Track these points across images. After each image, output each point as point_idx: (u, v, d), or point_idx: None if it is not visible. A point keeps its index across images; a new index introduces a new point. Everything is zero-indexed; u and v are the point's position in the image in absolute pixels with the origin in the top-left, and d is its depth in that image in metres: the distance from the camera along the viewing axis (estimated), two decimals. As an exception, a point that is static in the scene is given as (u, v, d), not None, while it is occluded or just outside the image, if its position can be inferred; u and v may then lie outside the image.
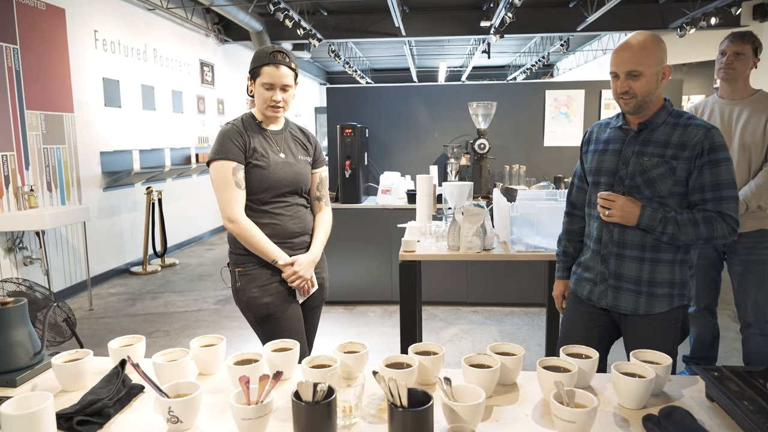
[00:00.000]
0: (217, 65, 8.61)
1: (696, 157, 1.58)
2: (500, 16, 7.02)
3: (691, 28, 7.43)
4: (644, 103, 1.61)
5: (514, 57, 13.76)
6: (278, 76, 1.85)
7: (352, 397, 1.11)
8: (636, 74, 1.58)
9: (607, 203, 1.64)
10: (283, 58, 1.86)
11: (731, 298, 2.72)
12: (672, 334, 1.69)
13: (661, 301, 1.66)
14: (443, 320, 4.21)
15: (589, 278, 1.78)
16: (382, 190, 4.38)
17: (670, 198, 1.62)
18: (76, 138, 5.20)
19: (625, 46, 1.61)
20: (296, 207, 1.97)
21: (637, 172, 1.63)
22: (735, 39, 2.43)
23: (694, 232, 1.57)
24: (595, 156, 1.76)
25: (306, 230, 2.00)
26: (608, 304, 1.73)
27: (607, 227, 1.70)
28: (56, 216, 4.26)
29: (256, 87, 1.89)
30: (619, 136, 1.72)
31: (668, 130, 1.63)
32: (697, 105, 2.69)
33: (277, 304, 1.89)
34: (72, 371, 1.26)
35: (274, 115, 1.92)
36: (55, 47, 4.91)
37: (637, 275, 1.67)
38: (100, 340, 3.90)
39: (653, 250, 1.64)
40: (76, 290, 5.12)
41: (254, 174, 1.87)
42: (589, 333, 1.79)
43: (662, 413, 1.09)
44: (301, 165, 1.98)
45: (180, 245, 7.24)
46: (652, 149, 1.63)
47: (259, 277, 1.90)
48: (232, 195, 1.84)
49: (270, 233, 1.89)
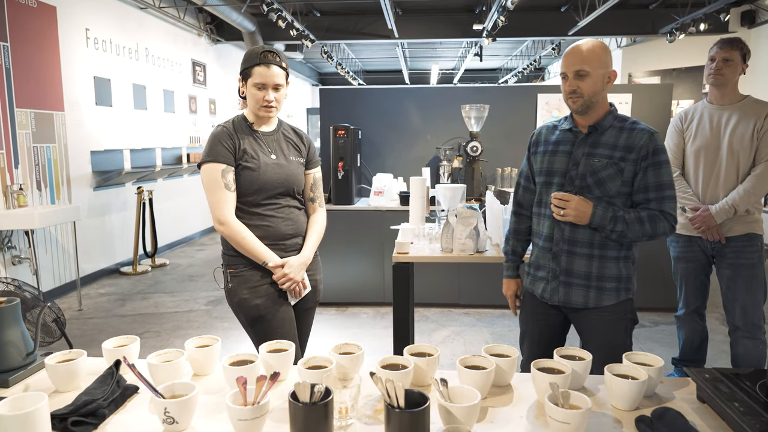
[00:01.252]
0: (209, 65, 8.58)
1: (641, 159, 1.69)
2: (493, 20, 7.06)
3: (681, 34, 7.52)
4: (591, 104, 1.70)
5: (505, 60, 13.83)
6: (269, 75, 1.85)
7: (348, 398, 1.11)
8: (583, 74, 1.67)
9: (562, 203, 1.70)
10: (273, 58, 1.86)
11: (720, 301, 2.76)
12: (623, 326, 1.78)
13: (609, 294, 1.75)
14: (435, 322, 4.23)
15: (542, 276, 1.84)
16: (374, 191, 4.38)
17: (618, 198, 1.72)
18: (67, 137, 5.16)
19: (574, 49, 1.70)
20: (288, 209, 1.96)
21: (588, 172, 1.72)
22: (724, 45, 2.47)
23: (640, 230, 1.68)
24: (546, 157, 1.83)
25: (298, 232, 1.99)
26: (560, 300, 1.80)
27: (558, 226, 1.77)
28: (46, 215, 4.22)
29: (247, 88, 1.89)
30: (569, 138, 1.79)
31: (615, 133, 1.73)
32: (687, 110, 2.72)
33: (267, 305, 1.89)
34: (66, 372, 1.25)
35: (267, 115, 1.91)
36: (45, 45, 4.87)
37: (587, 271, 1.75)
38: (89, 341, 3.87)
39: (601, 248, 1.74)
40: (65, 290, 5.07)
41: (244, 176, 1.87)
42: (543, 331, 1.89)
43: (654, 414, 1.11)
44: (293, 166, 1.97)
45: (170, 245, 7.20)
46: (601, 151, 1.72)
47: (250, 278, 1.89)
48: (222, 197, 1.84)
49: (261, 235, 1.89)
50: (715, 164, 2.56)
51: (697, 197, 2.62)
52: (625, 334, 1.79)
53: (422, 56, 13.16)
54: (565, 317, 1.87)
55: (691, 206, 2.60)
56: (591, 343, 1.78)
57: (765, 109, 2.49)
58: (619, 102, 4.74)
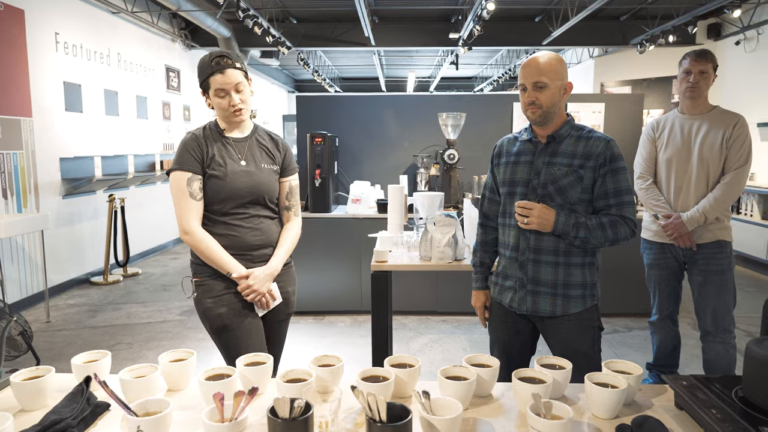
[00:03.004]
0: (183, 71, 8.46)
1: (600, 167, 1.74)
2: (468, 29, 7.14)
3: (651, 45, 7.73)
4: (549, 114, 1.75)
5: (481, 69, 14.00)
6: (227, 80, 1.80)
7: (328, 412, 1.09)
8: (542, 86, 1.71)
9: (525, 211, 1.74)
10: (226, 62, 1.80)
11: (691, 306, 2.81)
12: (590, 333, 1.82)
13: (575, 301, 1.78)
14: (413, 330, 4.22)
15: (510, 286, 1.86)
16: (352, 199, 4.37)
17: (579, 204, 1.76)
18: (35, 143, 5.01)
19: (531, 62, 1.74)
20: (257, 218, 1.90)
21: (549, 181, 1.76)
22: (699, 58, 2.52)
23: (602, 235, 1.72)
24: (508, 168, 1.87)
25: (268, 243, 1.93)
26: (528, 309, 1.82)
27: (524, 235, 1.80)
28: (12, 224, 4.08)
29: (212, 99, 1.85)
30: (529, 149, 1.83)
31: (573, 142, 1.78)
32: (659, 119, 2.78)
33: (231, 315, 1.84)
34: (32, 389, 1.20)
35: (238, 120, 1.87)
36: (13, 49, 4.73)
37: (554, 279, 1.78)
38: (58, 354, 3.75)
39: (566, 255, 1.77)
40: (32, 301, 4.91)
41: (211, 184, 1.83)
42: (513, 339, 1.91)
43: (635, 423, 1.11)
44: (264, 174, 1.91)
45: (143, 254, 7.04)
46: (560, 159, 1.77)
47: (213, 287, 1.85)
48: (186, 206, 1.80)
49: (227, 244, 1.85)
50: (686, 173, 2.62)
51: (669, 205, 2.68)
52: (592, 341, 1.82)
53: (399, 64, 13.22)
54: (534, 326, 1.88)
55: (663, 213, 2.65)
56: (559, 351, 1.79)
57: (733, 119, 2.56)
58: (593, 111, 4.83)
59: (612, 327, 4.20)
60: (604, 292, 4.34)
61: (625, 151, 4.73)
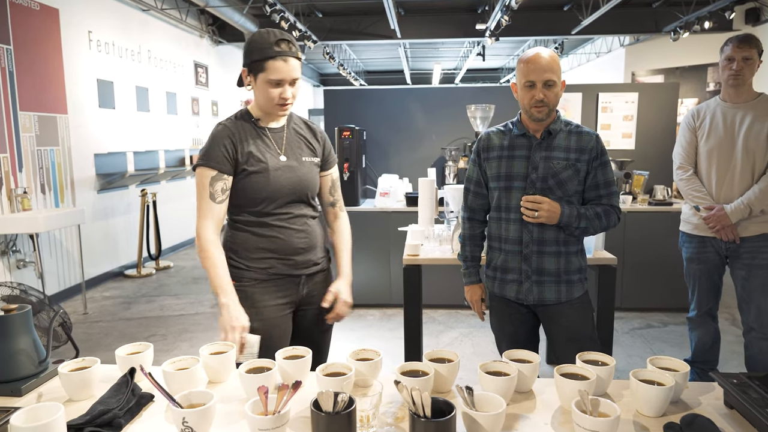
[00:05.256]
0: (211, 67, 8.56)
1: (592, 160, 1.83)
2: (496, 19, 7.03)
3: (685, 32, 7.48)
4: (551, 111, 1.80)
5: (507, 60, 13.80)
6: (288, 71, 1.59)
7: (369, 406, 1.09)
8: (551, 84, 1.75)
9: (534, 205, 1.78)
10: (290, 48, 1.59)
11: (730, 301, 2.73)
12: (590, 316, 1.92)
13: (577, 286, 1.88)
14: (442, 323, 4.20)
15: (513, 279, 1.89)
16: (380, 192, 4.36)
17: (574, 196, 1.84)
18: (70, 140, 5.14)
19: (538, 59, 1.74)
20: (302, 219, 1.73)
21: (549, 174, 1.81)
22: (742, 44, 2.42)
23: (599, 224, 1.83)
24: (503, 162, 1.88)
25: (312, 245, 1.75)
26: (534, 298, 1.87)
27: (526, 228, 1.84)
28: (50, 219, 4.20)
29: (257, 83, 1.62)
30: (524, 143, 1.86)
31: (565, 137, 1.84)
32: (699, 108, 2.68)
33: (266, 330, 1.63)
34: (79, 380, 1.23)
35: (281, 114, 1.69)
36: (48, 48, 4.85)
37: (556, 268, 1.85)
38: (96, 345, 3.85)
39: (565, 244, 1.85)
40: (70, 294, 5.05)
41: (251, 182, 1.64)
42: (519, 330, 1.96)
43: (684, 421, 1.08)
44: (306, 168, 1.72)
45: (174, 248, 7.18)
46: (557, 154, 1.82)
47: (253, 296, 1.67)
48: (204, 207, 1.63)
49: (269, 248, 1.68)
50: (730, 163, 2.53)
51: (711, 197, 2.59)
52: (592, 323, 1.93)
53: (424, 56, 13.13)
54: (534, 315, 1.94)
55: (705, 205, 2.57)
56: (565, 336, 1.88)
57: (780, 107, 2.46)
58: (625, 101, 4.72)
59: (646, 322, 4.11)
60: (638, 286, 4.27)
61: (659, 141, 4.68)
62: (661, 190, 4.32)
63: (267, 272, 1.70)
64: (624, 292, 4.24)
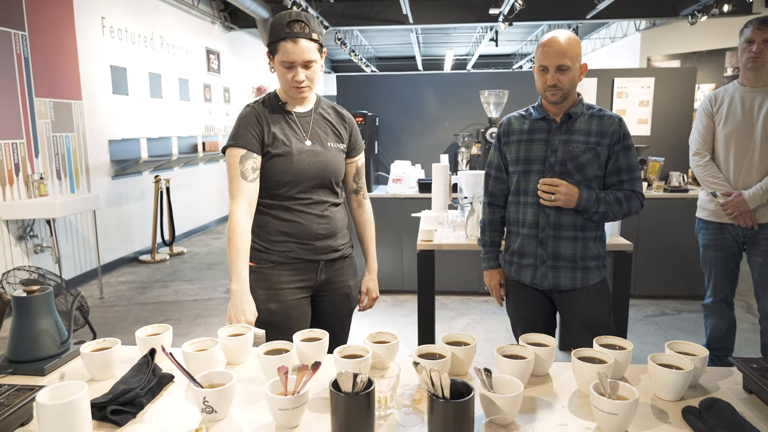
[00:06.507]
0: (223, 53, 8.55)
1: (614, 144, 1.80)
2: (510, 3, 6.94)
3: (703, 16, 7.33)
4: (567, 96, 1.78)
5: (520, 45, 13.64)
6: (297, 52, 1.58)
7: (386, 387, 1.10)
8: (564, 68, 1.72)
9: (552, 188, 1.75)
10: (302, 29, 1.57)
11: (743, 288, 2.70)
12: (606, 303, 1.89)
13: (594, 273, 1.85)
14: (454, 310, 4.21)
15: (529, 263, 1.88)
16: (392, 179, 4.35)
17: (594, 181, 1.81)
18: (85, 126, 5.18)
19: (553, 43, 1.72)
20: (323, 205, 1.72)
21: (568, 158, 1.79)
22: (762, 26, 2.37)
23: (619, 209, 1.79)
24: (522, 146, 1.87)
25: (333, 232, 1.75)
26: (549, 284, 1.86)
27: (543, 212, 1.82)
28: (66, 204, 4.25)
29: (275, 65, 1.63)
30: (543, 127, 1.85)
31: (586, 120, 1.82)
32: (717, 92, 2.64)
33: (281, 313, 1.67)
34: (101, 360, 1.25)
35: (300, 97, 1.68)
36: (62, 34, 4.87)
37: (573, 253, 1.83)
38: (112, 328, 3.91)
39: (583, 230, 1.83)
40: (86, 278, 5.13)
41: (275, 165, 1.64)
42: (536, 316, 1.95)
43: (702, 405, 1.07)
44: (332, 153, 1.71)
45: (187, 234, 7.24)
46: (576, 137, 1.80)
47: (270, 278, 1.69)
48: (236, 187, 1.62)
49: (289, 231, 1.69)
50: (748, 149, 2.49)
51: (728, 182, 2.56)
52: (608, 311, 1.89)
53: (436, 42, 13.01)
54: (551, 300, 1.93)
55: (722, 191, 2.54)
56: (580, 322, 1.86)
57: (801, 91, 2.41)
58: (641, 86, 4.65)
59: (660, 309, 4.08)
60: (652, 273, 4.24)
61: (675, 127, 4.61)
62: (677, 177, 4.27)
63: (286, 255, 1.71)
64: (638, 279, 4.22)
